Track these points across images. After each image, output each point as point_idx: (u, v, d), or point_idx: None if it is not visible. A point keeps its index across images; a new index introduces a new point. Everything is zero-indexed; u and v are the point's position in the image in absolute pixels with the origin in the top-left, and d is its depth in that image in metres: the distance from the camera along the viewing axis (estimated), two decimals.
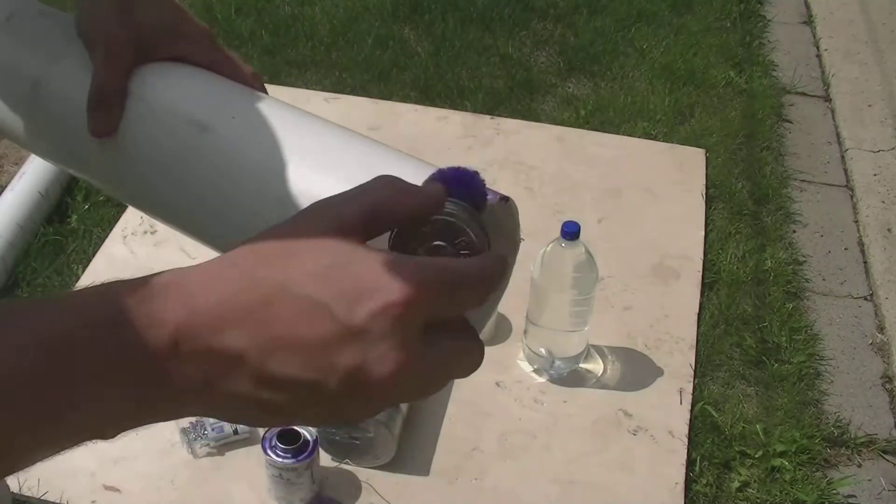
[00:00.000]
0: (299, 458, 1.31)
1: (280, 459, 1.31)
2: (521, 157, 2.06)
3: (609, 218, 1.92)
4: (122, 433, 0.38)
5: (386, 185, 0.42)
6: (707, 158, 2.11)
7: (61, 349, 0.35)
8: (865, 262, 1.96)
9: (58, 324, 0.36)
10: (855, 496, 1.55)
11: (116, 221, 1.90)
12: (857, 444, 1.61)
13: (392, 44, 2.46)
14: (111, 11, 0.57)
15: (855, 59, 2.53)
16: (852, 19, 2.68)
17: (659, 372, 1.63)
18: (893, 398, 1.71)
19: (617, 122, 2.22)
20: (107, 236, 1.86)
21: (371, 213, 0.40)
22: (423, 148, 1.96)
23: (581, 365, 1.61)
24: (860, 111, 2.34)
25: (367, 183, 0.42)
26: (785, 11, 2.74)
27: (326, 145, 0.52)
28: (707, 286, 1.83)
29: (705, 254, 1.88)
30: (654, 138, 2.18)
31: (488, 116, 2.20)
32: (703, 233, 1.91)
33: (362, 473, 1.44)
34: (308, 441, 1.32)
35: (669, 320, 1.72)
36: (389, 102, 2.23)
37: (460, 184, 0.44)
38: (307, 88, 2.29)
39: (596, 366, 1.62)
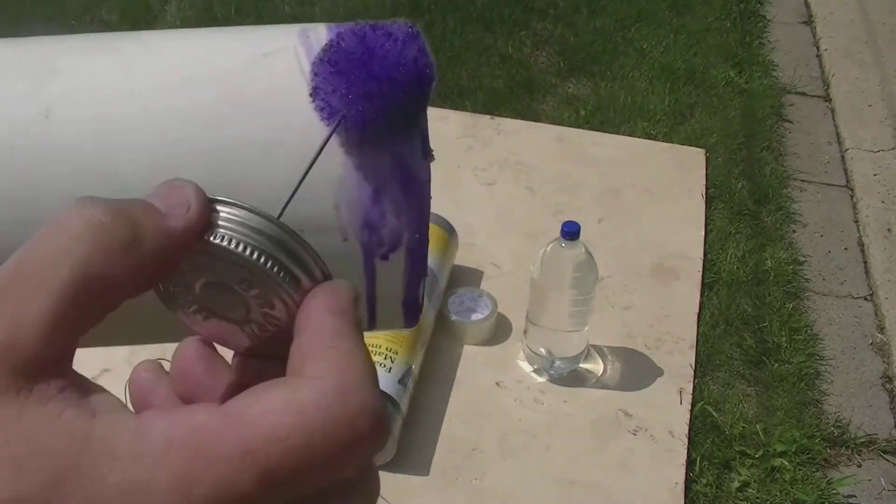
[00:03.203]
0: None
1: None
2: (521, 157, 2.06)
3: (609, 218, 1.92)
4: None
5: (91, 240, 0.24)
6: (707, 158, 2.11)
7: None
8: (865, 262, 1.96)
9: None
10: (855, 496, 1.55)
11: None
12: (857, 444, 1.61)
13: None
14: None
15: (855, 59, 2.52)
16: (852, 19, 2.68)
17: (659, 372, 1.63)
18: (893, 398, 1.71)
19: (617, 122, 2.22)
20: None
21: (65, 316, 0.23)
22: None
23: (581, 365, 1.61)
24: (860, 111, 2.34)
25: (43, 234, 0.24)
26: (785, 11, 2.74)
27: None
28: (707, 286, 1.83)
29: (705, 254, 1.88)
30: (654, 138, 2.17)
31: (488, 116, 2.20)
32: (703, 233, 1.91)
33: None
34: None
35: (669, 320, 1.72)
36: None
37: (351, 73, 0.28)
38: None
39: (596, 366, 1.62)
